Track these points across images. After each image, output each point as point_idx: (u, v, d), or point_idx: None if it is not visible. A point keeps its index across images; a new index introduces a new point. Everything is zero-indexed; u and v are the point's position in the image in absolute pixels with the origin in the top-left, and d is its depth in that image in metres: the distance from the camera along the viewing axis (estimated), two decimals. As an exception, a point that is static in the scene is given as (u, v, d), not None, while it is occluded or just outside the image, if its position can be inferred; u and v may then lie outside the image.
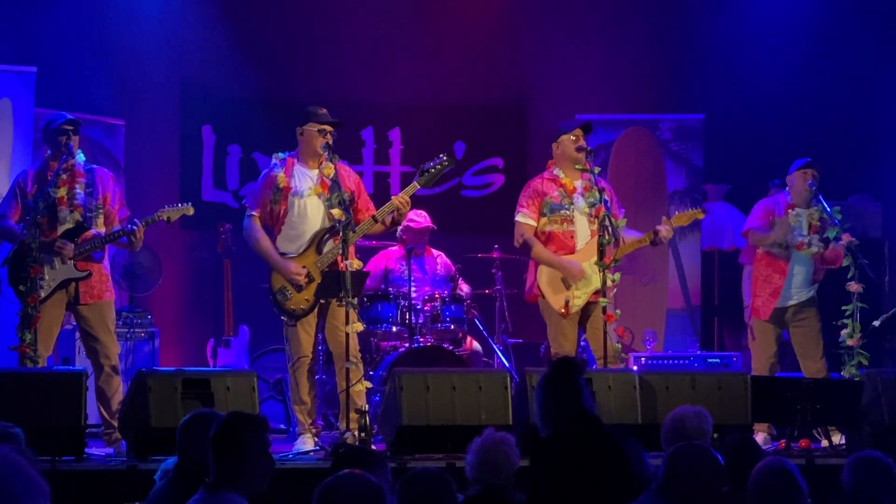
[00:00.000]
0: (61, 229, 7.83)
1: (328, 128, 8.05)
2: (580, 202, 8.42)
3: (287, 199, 8.04)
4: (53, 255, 7.78)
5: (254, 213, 8.11)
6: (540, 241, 8.43)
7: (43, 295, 7.72)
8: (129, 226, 7.83)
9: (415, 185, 8.08)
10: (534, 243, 8.42)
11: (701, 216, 8.89)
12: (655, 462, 4.81)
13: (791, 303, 8.88)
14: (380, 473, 4.16)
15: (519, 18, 12.20)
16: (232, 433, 4.30)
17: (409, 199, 8.08)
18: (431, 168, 8.08)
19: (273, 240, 8.10)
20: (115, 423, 7.71)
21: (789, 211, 8.87)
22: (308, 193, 8.04)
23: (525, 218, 8.48)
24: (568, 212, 8.41)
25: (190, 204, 8.14)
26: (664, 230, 8.40)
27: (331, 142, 8.01)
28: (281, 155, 8.17)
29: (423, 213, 10.03)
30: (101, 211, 7.97)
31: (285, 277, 8.00)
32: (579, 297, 8.33)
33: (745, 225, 9.19)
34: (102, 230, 7.95)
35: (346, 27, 11.87)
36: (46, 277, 7.73)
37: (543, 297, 8.39)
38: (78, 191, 7.89)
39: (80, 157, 7.97)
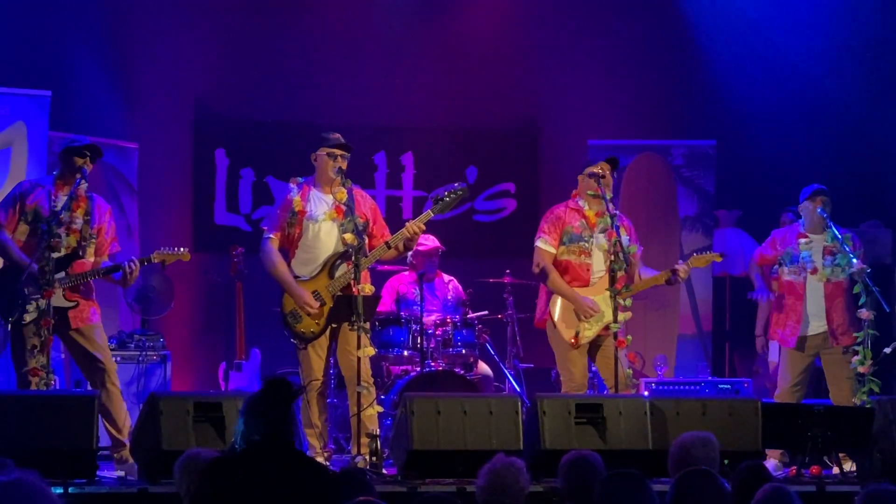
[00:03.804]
0: (55, 255, 7.72)
1: (339, 151, 8.07)
2: (601, 238, 8.39)
3: (302, 224, 8.06)
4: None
5: (271, 235, 8.11)
6: (557, 269, 8.43)
7: (28, 319, 7.66)
8: (125, 262, 7.83)
9: (429, 214, 8.05)
10: (551, 272, 8.38)
11: (718, 259, 8.90)
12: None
13: (816, 330, 8.84)
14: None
15: (532, 44, 12.22)
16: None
17: (423, 227, 8.10)
18: (446, 196, 8.05)
19: (287, 262, 8.12)
20: (123, 440, 7.72)
21: (800, 240, 8.87)
22: (323, 218, 8.06)
23: (545, 244, 8.45)
24: (587, 244, 8.39)
25: (186, 249, 8.13)
26: (682, 270, 8.39)
27: (343, 166, 8.04)
28: (300, 179, 8.20)
29: (431, 237, 10.02)
30: (93, 241, 7.94)
31: (296, 303, 8.02)
32: (589, 330, 8.32)
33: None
34: (92, 259, 7.93)
35: (360, 52, 11.90)
36: (32, 304, 7.67)
37: (555, 326, 8.40)
38: (77, 217, 7.87)
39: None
